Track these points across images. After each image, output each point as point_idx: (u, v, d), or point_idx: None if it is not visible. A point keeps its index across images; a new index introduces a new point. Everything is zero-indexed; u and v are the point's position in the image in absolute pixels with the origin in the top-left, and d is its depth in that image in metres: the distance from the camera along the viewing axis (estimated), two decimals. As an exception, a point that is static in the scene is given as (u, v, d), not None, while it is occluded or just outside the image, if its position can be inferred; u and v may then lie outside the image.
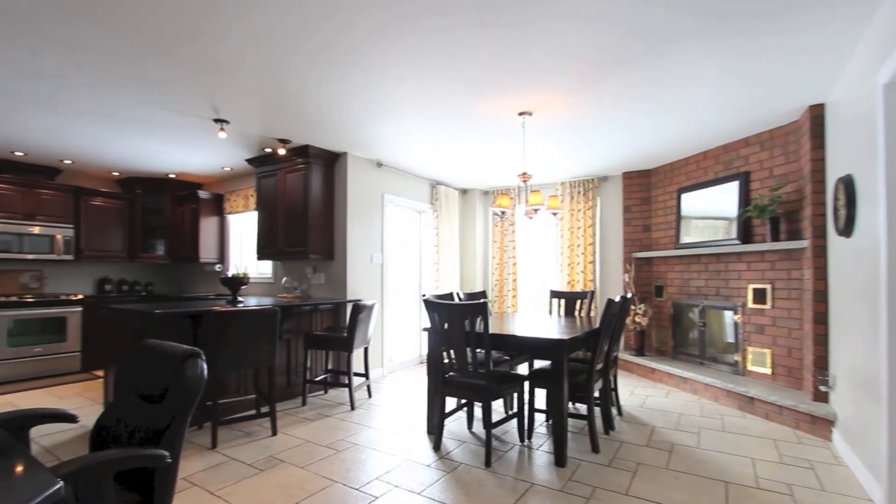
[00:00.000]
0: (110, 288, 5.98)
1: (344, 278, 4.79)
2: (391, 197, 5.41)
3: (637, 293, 5.23)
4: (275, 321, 3.29)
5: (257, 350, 3.24)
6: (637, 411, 3.88)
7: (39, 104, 3.46)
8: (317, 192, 4.71)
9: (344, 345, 3.96)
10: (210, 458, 2.91)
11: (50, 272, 5.63)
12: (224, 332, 3.08)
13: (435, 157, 4.94)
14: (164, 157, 5.05)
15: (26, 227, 5.13)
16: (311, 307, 4.45)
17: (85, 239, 5.64)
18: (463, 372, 2.94)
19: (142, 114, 3.68)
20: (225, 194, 6.07)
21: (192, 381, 1.52)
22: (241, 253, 6.07)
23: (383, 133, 4.17)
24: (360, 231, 4.94)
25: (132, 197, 6.09)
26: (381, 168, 5.22)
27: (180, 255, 6.15)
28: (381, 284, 5.22)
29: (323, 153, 4.70)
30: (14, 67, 2.85)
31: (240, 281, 4.00)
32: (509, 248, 6.38)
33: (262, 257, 5.07)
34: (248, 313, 3.17)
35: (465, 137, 4.22)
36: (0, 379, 4.68)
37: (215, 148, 4.71)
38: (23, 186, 5.15)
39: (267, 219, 4.99)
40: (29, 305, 4.91)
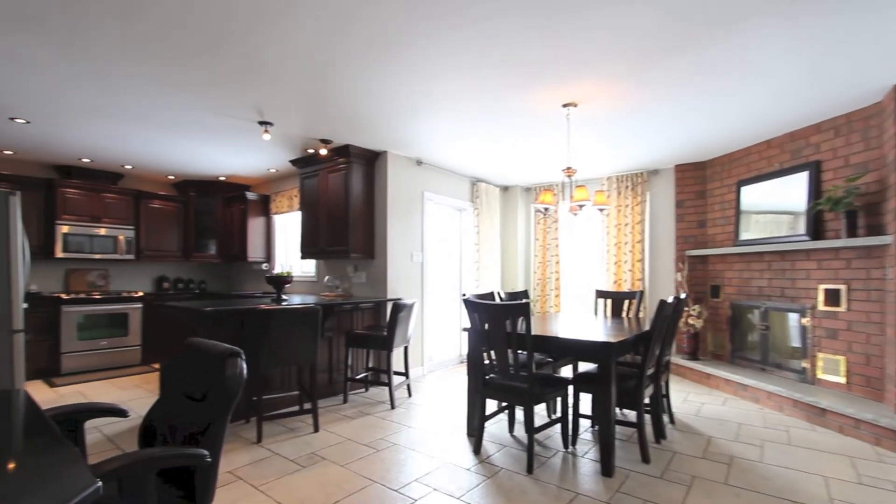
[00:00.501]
0: (167, 286, 6.32)
1: (384, 277, 4.80)
2: (431, 195, 5.38)
3: (690, 293, 4.92)
4: (316, 319, 3.33)
5: (299, 348, 3.29)
6: (691, 420, 3.63)
7: (102, 113, 3.67)
8: (357, 192, 4.74)
9: (384, 344, 3.95)
10: (255, 453, 2.97)
11: (114, 271, 6.02)
12: (267, 329, 3.14)
13: (475, 153, 4.85)
14: (214, 160, 5.26)
15: (94, 228, 5.50)
16: (352, 306, 4.49)
17: (144, 239, 5.98)
18: (504, 374, 2.84)
19: (192, 118, 3.83)
20: (271, 195, 6.26)
21: (232, 380, 1.52)
22: (287, 252, 6.24)
23: (423, 130, 4.13)
24: (400, 230, 4.94)
25: (186, 199, 6.40)
26: (420, 166, 5.19)
27: (230, 254, 6.41)
28: (421, 283, 5.20)
29: (363, 152, 4.73)
30: (80, 79, 3.02)
31: (283, 280, 4.09)
32: (552, 245, 6.20)
33: (305, 256, 5.18)
34: (290, 312, 3.22)
35: (507, 132, 4.11)
36: (71, 370, 5.05)
37: (261, 150, 4.85)
38: (90, 191, 5.52)
39: (310, 218, 5.09)
40: (96, 302, 5.26)
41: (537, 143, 4.44)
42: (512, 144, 4.49)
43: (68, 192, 5.35)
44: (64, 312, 5.02)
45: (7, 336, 3.51)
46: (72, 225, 5.33)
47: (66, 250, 5.27)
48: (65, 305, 5.04)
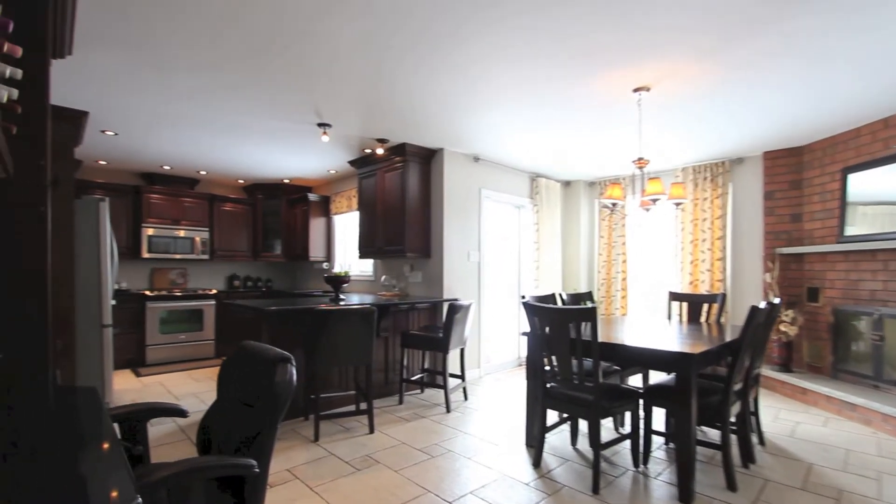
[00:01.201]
0: (237, 284, 6.68)
1: (440, 277, 4.71)
2: (488, 192, 5.21)
3: (783, 296, 4.36)
4: (371, 320, 3.29)
5: (355, 347, 3.27)
6: (784, 442, 3.19)
7: (176, 122, 3.89)
8: (414, 190, 4.69)
9: (439, 345, 3.86)
10: (312, 451, 2.99)
11: (191, 269, 6.45)
12: (324, 329, 3.15)
13: (535, 147, 4.62)
14: (278, 163, 5.45)
15: (174, 230, 5.92)
16: (408, 306, 4.44)
17: (218, 240, 6.35)
18: (567, 383, 2.63)
19: (256, 124, 3.96)
20: (331, 196, 6.40)
21: (281, 387, 1.47)
22: (346, 251, 6.35)
23: (480, 126, 3.99)
24: (456, 228, 4.83)
25: (255, 201, 6.72)
26: (477, 163, 5.04)
27: (293, 253, 6.64)
28: (478, 283, 5.06)
29: (419, 151, 4.67)
30: (157, 92, 3.20)
31: (341, 279, 4.12)
32: (618, 243, 5.79)
33: (363, 256, 5.22)
34: (346, 312, 3.20)
35: (571, 123, 3.85)
36: (155, 361, 5.47)
37: (320, 152, 4.94)
38: (170, 196, 5.95)
39: (367, 218, 5.12)
40: (175, 298, 5.66)
41: (603, 134, 4.13)
42: (575, 136, 4.21)
43: (152, 198, 5.79)
44: (148, 308, 5.44)
45: (98, 330, 3.82)
46: (155, 227, 5.77)
47: (150, 251, 5.72)
48: (149, 302, 5.46)
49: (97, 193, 5.45)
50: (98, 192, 5.45)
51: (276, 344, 3.42)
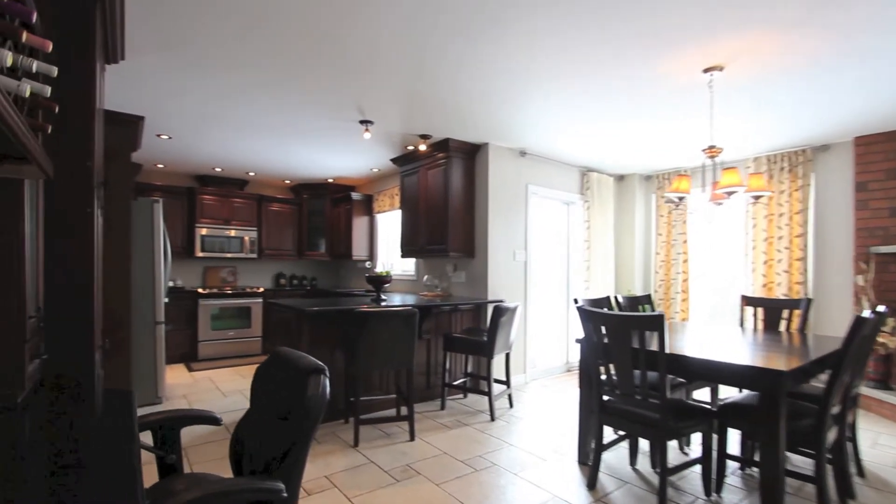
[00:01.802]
0: (284, 282, 6.79)
1: (485, 277, 4.50)
2: (536, 188, 4.95)
3: (880, 302, 3.80)
4: (413, 322, 3.15)
5: (396, 350, 3.14)
6: (888, 473, 2.73)
7: (225, 125, 3.93)
8: (457, 187, 4.51)
9: (484, 350, 3.66)
10: (351, 458, 2.88)
11: (241, 268, 6.62)
12: (364, 330, 3.04)
13: (587, 139, 4.31)
14: (323, 163, 5.45)
15: (224, 230, 6.08)
16: (450, 307, 4.27)
17: (265, 239, 6.47)
18: (627, 398, 2.35)
19: (300, 124, 3.93)
20: (374, 195, 6.36)
21: (313, 401, 1.34)
22: (388, 250, 6.28)
23: (528, 118, 3.75)
24: (501, 226, 4.60)
25: (300, 201, 6.80)
26: (524, 157, 4.79)
27: (337, 252, 6.66)
28: (524, 284, 4.81)
29: (463, 146, 4.48)
30: (206, 95, 3.22)
31: (382, 279, 4.02)
32: (678, 241, 5.34)
33: (405, 255, 5.11)
34: (387, 314, 3.08)
35: (629, 111, 3.53)
36: (206, 356, 5.63)
37: (363, 151, 4.87)
38: (222, 197, 6.12)
39: (409, 216, 5.00)
40: (225, 296, 5.81)
41: (666, 121, 3.76)
42: (634, 125, 3.87)
43: (205, 199, 5.98)
44: (200, 305, 5.61)
45: (151, 327, 3.92)
46: (207, 227, 5.94)
47: (203, 250, 5.90)
48: (201, 299, 5.63)
49: (155, 195, 5.67)
50: (156, 193, 5.68)
51: (315, 345, 3.36)
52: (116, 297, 3.74)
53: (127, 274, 3.77)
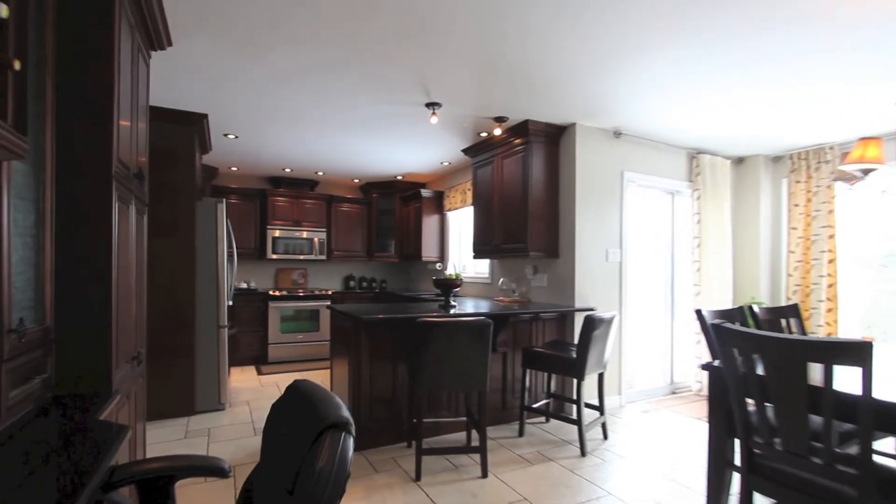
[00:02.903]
0: (353, 284, 6.59)
1: (571, 281, 3.83)
2: (633, 175, 4.17)
3: None
4: (486, 334, 2.61)
5: (465, 368, 2.62)
6: None
7: (283, 114, 3.70)
8: (538, 177, 3.90)
9: (572, 369, 3.01)
10: (411, 496, 2.40)
11: (311, 270, 6.52)
12: (428, 343, 2.56)
13: (699, 113, 3.49)
14: (390, 157, 5.11)
15: (295, 231, 6.00)
16: (530, 316, 3.67)
17: (334, 240, 6.31)
18: (797, 459, 1.61)
19: (362, 109, 3.57)
20: (444, 191, 5.92)
21: (323, 478, 0.83)
22: (460, 251, 5.80)
23: (623, 90, 3.07)
24: (591, 221, 3.90)
25: (369, 200, 6.57)
26: (619, 139, 4.05)
27: (406, 253, 6.32)
28: (618, 289, 4.05)
29: (545, 128, 3.86)
30: (255, 76, 2.97)
31: (451, 283, 3.52)
32: (821, 237, 4.23)
33: (478, 256, 4.58)
34: (454, 324, 2.57)
35: (762, 68, 2.69)
36: (276, 359, 5.54)
37: (432, 140, 4.44)
38: (292, 198, 6.04)
39: (483, 213, 4.47)
40: (293, 299, 5.69)
41: (811, 82, 2.85)
42: (768, 89, 3.00)
43: (276, 200, 5.93)
44: (271, 307, 5.54)
45: (214, 330, 3.78)
46: (278, 229, 5.89)
47: (274, 251, 5.85)
48: (271, 301, 5.56)
49: (232, 198, 5.73)
50: (232, 196, 5.73)
51: (375, 357, 2.92)
52: (182, 300, 3.64)
53: (192, 276, 3.66)
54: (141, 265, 2.21)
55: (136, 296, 2.04)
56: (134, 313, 2.03)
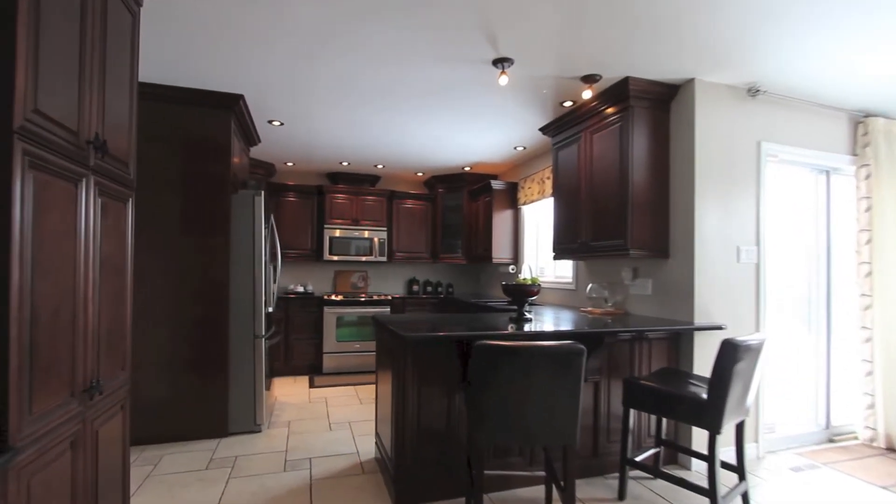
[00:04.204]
0: (416, 288, 6.00)
1: (688, 288, 2.88)
2: (773, 147, 3.10)
3: None
4: (576, 366, 1.80)
5: (546, 413, 1.83)
6: None
7: (330, 87, 3.17)
8: (641, 154, 2.99)
9: (703, 415, 2.10)
10: None
11: (372, 273, 6.04)
12: (492, 376, 1.81)
13: (876, 53, 2.38)
14: (456, 143, 4.44)
15: (353, 231, 5.54)
16: (631, 335, 2.77)
17: (396, 240, 5.77)
18: None
19: (419, 79, 2.93)
20: (518, 182, 5.12)
21: None
22: (537, 251, 4.96)
23: (770, 24, 2.11)
24: (716, 210, 2.92)
25: (434, 196, 5.95)
26: (755, 98, 3.01)
27: (474, 254, 5.60)
28: (754, 299, 3.01)
29: (650, 89, 2.95)
30: (306, 55, 2.44)
31: (526, 290, 2.73)
32: None
33: (559, 256, 3.74)
34: (530, 351, 1.79)
35: None
36: (330, 369, 5.08)
37: (503, 119, 3.69)
38: (350, 194, 5.59)
39: (566, 203, 3.63)
40: (349, 304, 5.21)
41: None
42: None
43: (334, 198, 5.52)
44: (326, 313, 5.10)
45: (249, 341, 3.33)
46: (336, 228, 5.46)
47: (331, 252, 5.43)
48: (326, 307, 5.12)
49: (289, 196, 5.41)
50: (290, 194, 5.41)
51: (425, 381, 2.07)
52: (214, 305, 3.22)
53: (225, 278, 3.24)
54: (114, 266, 1.71)
55: (91, 305, 1.52)
56: (91, 327, 1.51)
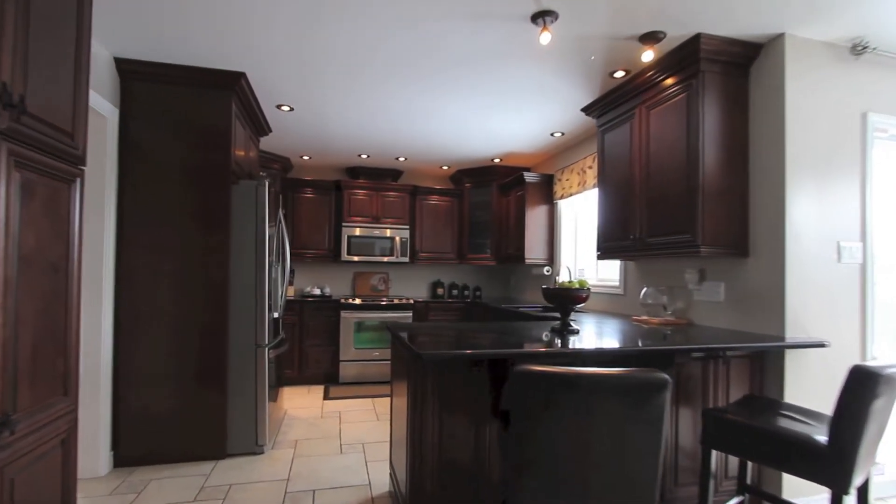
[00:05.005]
0: (441, 292, 5.54)
1: (776, 294, 2.31)
2: (884, 120, 2.50)
3: None
4: (659, 405, 1.30)
5: (614, 467, 1.33)
6: None
7: (340, 59, 2.76)
8: (713, 130, 2.45)
9: (821, 467, 1.55)
10: None
11: (393, 274, 5.63)
12: (539, 414, 1.33)
13: None
14: (485, 130, 3.97)
15: (373, 229, 5.14)
16: (704, 353, 2.23)
17: (419, 240, 5.34)
18: None
19: (440, 46, 2.49)
20: (555, 174, 4.60)
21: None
22: (575, 251, 4.43)
23: None
24: (811, 199, 2.35)
25: (461, 191, 5.49)
26: (860, 58, 2.42)
27: (504, 254, 5.10)
28: (859, 307, 2.42)
29: (725, 48, 2.41)
30: (314, 30, 2.05)
31: (573, 295, 2.23)
32: None
33: (605, 255, 3.22)
34: (593, 381, 1.30)
35: None
36: (347, 379, 4.69)
37: (541, 97, 3.21)
38: (370, 190, 5.20)
39: (615, 194, 3.10)
40: (368, 308, 4.80)
41: None
42: None
43: (353, 194, 5.14)
44: (343, 318, 4.71)
45: (251, 351, 2.94)
46: (355, 226, 5.08)
47: (350, 252, 5.04)
48: (343, 311, 4.73)
49: (306, 192, 5.07)
50: (307, 190, 5.07)
51: (448, 408, 1.61)
52: (211, 311, 2.85)
53: (224, 279, 2.86)
54: (47, 263, 1.32)
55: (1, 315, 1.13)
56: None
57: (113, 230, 2.73)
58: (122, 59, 2.75)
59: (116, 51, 2.68)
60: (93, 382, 2.61)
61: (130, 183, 2.79)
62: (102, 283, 2.63)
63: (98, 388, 2.62)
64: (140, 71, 2.79)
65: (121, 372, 2.75)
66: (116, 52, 2.69)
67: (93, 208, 2.63)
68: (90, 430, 2.60)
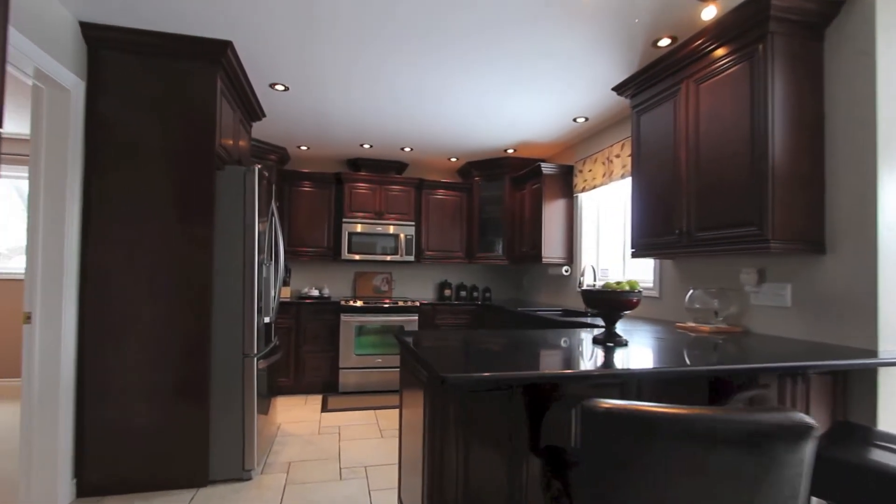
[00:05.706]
0: (449, 293, 5.16)
1: (864, 298, 1.93)
2: None
3: None
4: (798, 456, 0.91)
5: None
6: None
7: (349, 40, 2.38)
8: (782, 106, 2.06)
9: None
10: None
11: (397, 274, 5.25)
12: (622, 469, 0.94)
13: None
14: (502, 115, 3.59)
15: (375, 226, 4.76)
16: (781, 371, 1.84)
17: (425, 238, 4.96)
18: None
19: (449, 8, 2.11)
20: (574, 164, 4.21)
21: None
22: (597, 249, 4.04)
23: None
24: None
25: (470, 185, 5.11)
26: (964, 16, 2.04)
27: (518, 253, 4.72)
28: (959, 320, 2.02)
29: (797, 5, 2.03)
30: None
31: (622, 301, 1.84)
32: None
33: (640, 253, 2.83)
34: (707, 426, 0.91)
35: None
36: (347, 388, 4.30)
37: (565, 73, 2.83)
38: (373, 183, 4.82)
39: (652, 184, 2.72)
40: (369, 311, 4.41)
41: None
42: None
43: (355, 187, 4.76)
44: (342, 322, 4.32)
45: (237, 361, 2.55)
46: (356, 223, 4.69)
47: (351, 251, 4.66)
48: (344, 314, 4.35)
49: (304, 185, 4.69)
50: (304, 183, 4.69)
51: (475, 439, 1.28)
52: (192, 316, 2.47)
53: (207, 280, 2.48)
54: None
55: None
56: None
57: (77, 222, 2.35)
58: (88, 24, 2.37)
59: (82, 13, 2.30)
60: (50, 398, 2.23)
61: (98, 167, 2.41)
62: (63, 282, 2.25)
63: (57, 404, 2.24)
64: (110, 38, 2.41)
65: (86, 386, 2.37)
66: (82, 14, 2.31)
67: (51, 196, 2.25)
68: (47, 453, 2.22)
